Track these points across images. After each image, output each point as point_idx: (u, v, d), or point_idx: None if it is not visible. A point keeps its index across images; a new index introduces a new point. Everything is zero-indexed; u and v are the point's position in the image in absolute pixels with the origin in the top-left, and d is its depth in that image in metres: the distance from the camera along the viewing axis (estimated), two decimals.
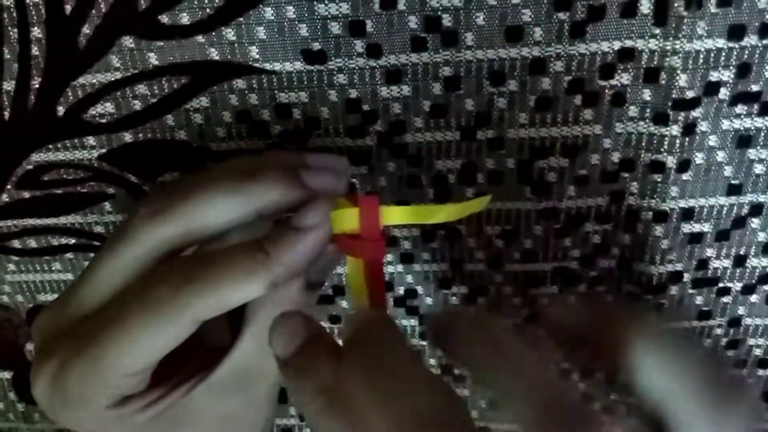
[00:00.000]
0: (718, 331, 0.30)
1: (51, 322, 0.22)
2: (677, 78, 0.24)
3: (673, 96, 0.25)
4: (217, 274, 0.20)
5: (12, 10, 0.25)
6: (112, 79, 0.26)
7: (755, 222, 0.28)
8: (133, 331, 0.20)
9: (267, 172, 0.21)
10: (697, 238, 0.28)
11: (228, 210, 0.21)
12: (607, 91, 0.25)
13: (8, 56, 0.26)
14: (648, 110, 0.25)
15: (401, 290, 0.30)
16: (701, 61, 0.24)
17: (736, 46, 0.24)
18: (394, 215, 0.21)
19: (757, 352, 0.30)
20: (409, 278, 0.30)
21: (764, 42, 0.24)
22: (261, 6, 0.24)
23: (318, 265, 0.22)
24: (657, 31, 0.24)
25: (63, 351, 0.21)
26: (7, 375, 0.33)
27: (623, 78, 0.25)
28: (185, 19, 0.25)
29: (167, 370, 0.22)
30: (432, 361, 0.31)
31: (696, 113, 0.25)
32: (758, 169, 0.26)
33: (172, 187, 0.22)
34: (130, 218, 0.21)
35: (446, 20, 0.24)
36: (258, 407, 0.24)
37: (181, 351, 0.21)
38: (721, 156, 0.26)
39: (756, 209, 0.27)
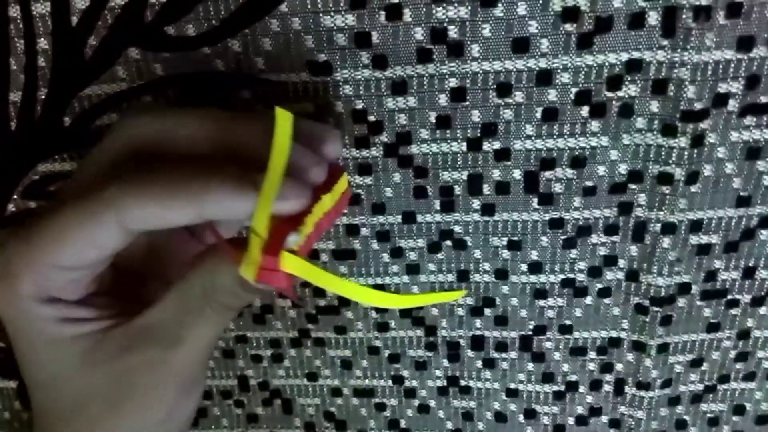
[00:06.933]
0: (727, 343, 0.30)
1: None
2: (685, 89, 0.24)
3: (682, 108, 0.25)
4: (148, 183, 0.20)
5: (19, 21, 0.25)
6: (118, 90, 0.26)
7: (764, 234, 0.27)
8: (63, 217, 0.20)
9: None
10: (705, 249, 0.28)
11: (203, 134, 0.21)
12: (614, 102, 0.25)
13: (15, 67, 0.26)
14: (656, 122, 0.25)
15: None
16: (710, 72, 0.24)
17: (745, 57, 0.24)
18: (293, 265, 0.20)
19: (767, 364, 0.30)
20: (415, 289, 0.29)
21: None
22: (267, 18, 0.24)
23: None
24: (665, 42, 0.24)
25: (14, 228, 0.22)
26: (12, 384, 0.33)
27: (631, 89, 0.25)
28: (191, 30, 0.25)
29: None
30: (438, 372, 0.31)
31: (704, 125, 0.25)
32: (767, 180, 0.26)
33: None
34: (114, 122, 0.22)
35: (452, 32, 0.24)
36: (160, 379, 0.23)
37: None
38: (729, 168, 0.26)
39: (765, 221, 0.27)
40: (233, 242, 0.21)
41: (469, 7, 0.24)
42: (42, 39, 0.25)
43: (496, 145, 0.26)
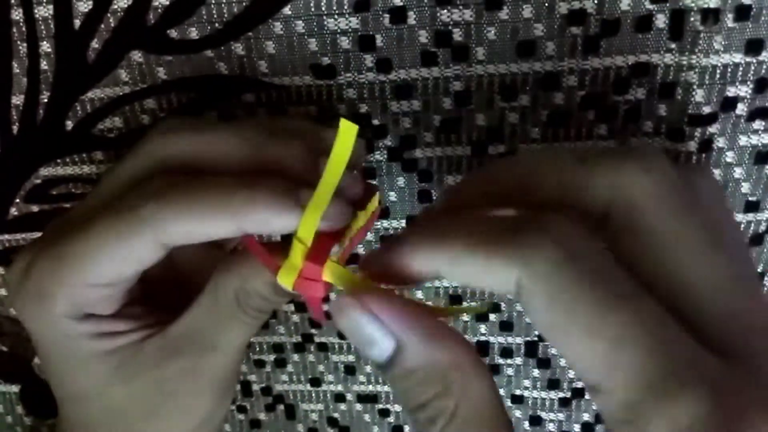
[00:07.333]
0: None
1: (52, 225, 0.22)
2: (693, 93, 0.24)
3: (690, 111, 0.24)
4: (189, 199, 0.19)
5: (21, 24, 0.25)
6: (121, 93, 0.26)
7: None
8: (96, 234, 0.20)
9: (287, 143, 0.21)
10: None
11: (236, 152, 0.21)
12: (621, 106, 0.25)
13: (17, 70, 0.26)
14: (663, 126, 0.25)
15: None
16: (718, 76, 0.24)
17: (754, 60, 0.23)
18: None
19: None
20: (419, 294, 0.29)
21: None
22: (270, 21, 0.24)
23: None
24: (673, 45, 0.23)
25: (39, 244, 0.21)
26: (14, 389, 0.33)
27: (638, 93, 0.24)
28: (194, 33, 0.24)
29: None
30: None
31: (713, 129, 0.25)
32: None
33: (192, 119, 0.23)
34: (143, 137, 0.22)
35: (457, 35, 0.24)
36: (198, 386, 0.23)
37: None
38: (738, 172, 0.26)
39: None
40: (267, 248, 0.21)
41: (474, 10, 0.23)
42: (44, 42, 0.25)
43: (501, 148, 0.26)
